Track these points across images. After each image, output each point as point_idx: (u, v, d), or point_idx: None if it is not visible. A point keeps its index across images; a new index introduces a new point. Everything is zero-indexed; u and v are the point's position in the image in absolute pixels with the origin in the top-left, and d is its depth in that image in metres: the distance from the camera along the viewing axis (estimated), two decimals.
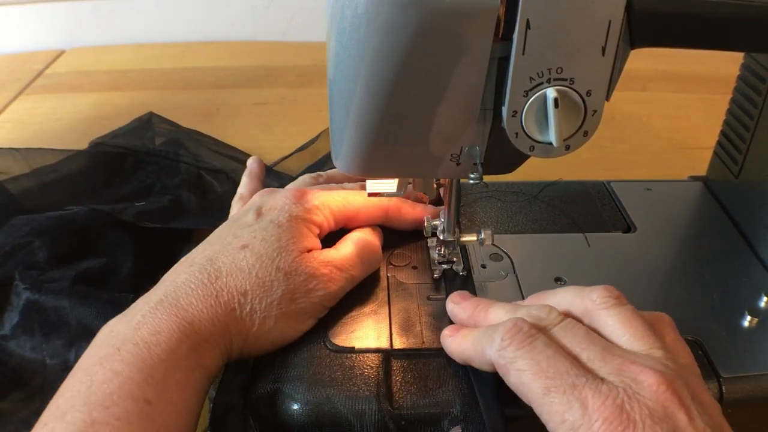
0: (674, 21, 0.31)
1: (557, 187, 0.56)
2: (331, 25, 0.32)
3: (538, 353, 0.30)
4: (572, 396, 0.28)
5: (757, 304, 0.44)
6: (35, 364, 0.43)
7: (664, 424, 0.27)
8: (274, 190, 0.44)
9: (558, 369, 0.29)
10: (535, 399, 0.29)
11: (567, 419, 0.28)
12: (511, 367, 0.30)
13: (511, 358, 0.30)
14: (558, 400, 0.28)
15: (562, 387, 0.28)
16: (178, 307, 0.35)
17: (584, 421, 0.27)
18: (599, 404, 0.27)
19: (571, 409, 0.28)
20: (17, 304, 0.45)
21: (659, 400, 0.27)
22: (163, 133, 0.67)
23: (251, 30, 1.04)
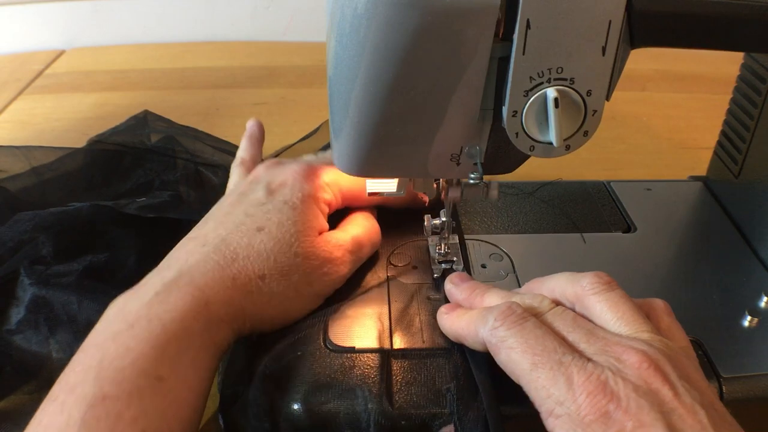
0: (674, 21, 0.31)
1: (557, 187, 0.56)
2: (331, 25, 0.32)
3: (527, 332, 0.31)
4: (558, 372, 0.29)
5: (757, 304, 0.44)
6: (41, 358, 0.43)
7: (648, 398, 0.27)
8: (280, 162, 0.43)
9: (546, 347, 0.30)
10: (523, 375, 0.30)
11: (552, 394, 0.28)
12: (502, 345, 0.31)
13: (502, 337, 0.31)
14: (544, 376, 0.29)
15: (548, 364, 0.29)
16: (194, 286, 0.35)
17: (569, 395, 0.28)
18: (584, 380, 0.28)
19: (556, 384, 0.28)
20: (23, 299, 0.45)
21: (642, 376, 0.28)
22: (158, 131, 0.68)
23: (251, 30, 1.04)
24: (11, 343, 0.44)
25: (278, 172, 0.42)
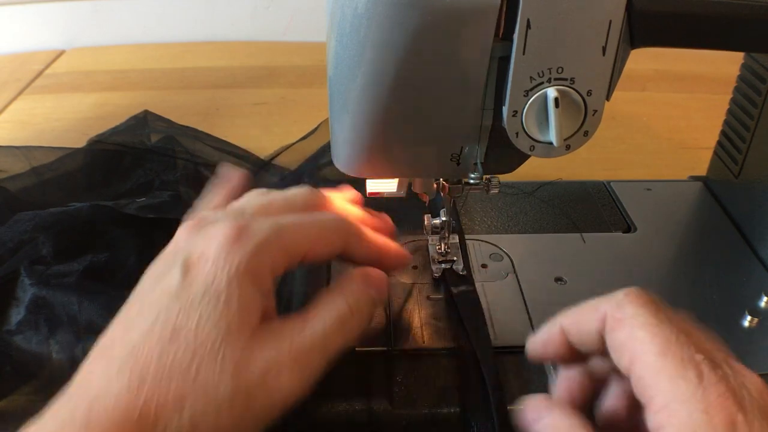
0: (674, 21, 0.31)
1: (557, 187, 0.56)
2: (331, 24, 0.32)
3: (662, 315, 0.28)
4: (690, 365, 0.26)
5: (757, 304, 0.44)
6: (41, 358, 0.43)
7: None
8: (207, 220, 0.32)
9: (680, 338, 0.27)
10: (645, 359, 0.27)
11: (679, 386, 0.25)
12: (628, 321, 0.28)
13: (631, 313, 0.28)
14: (672, 366, 0.26)
15: (680, 354, 0.26)
16: (91, 425, 0.26)
17: (698, 391, 0.25)
18: (716, 380, 0.25)
19: (685, 376, 0.25)
20: (23, 299, 0.45)
21: (764, 398, 0.26)
22: (158, 131, 0.68)
23: (251, 30, 1.04)
24: (11, 344, 0.44)
25: (200, 238, 0.31)
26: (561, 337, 0.32)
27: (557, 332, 0.32)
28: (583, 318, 0.30)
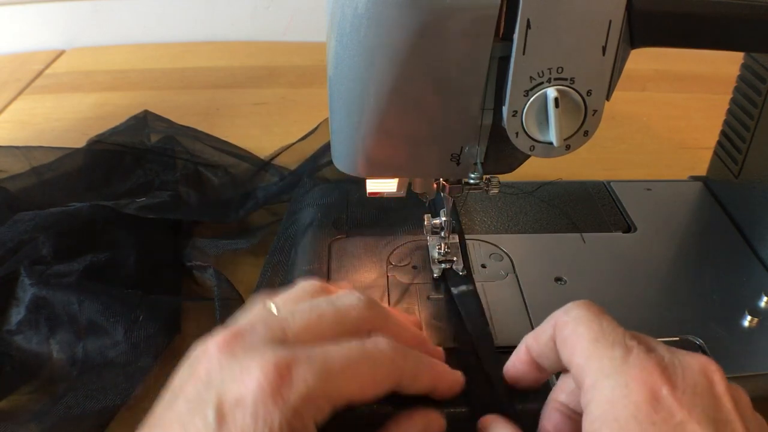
0: (674, 21, 0.31)
1: (557, 187, 0.56)
2: (331, 25, 0.32)
3: (604, 316, 0.29)
4: (618, 345, 0.27)
5: (757, 304, 0.44)
6: (42, 358, 0.43)
7: (705, 399, 0.25)
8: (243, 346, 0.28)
9: (616, 330, 0.28)
10: (580, 348, 0.28)
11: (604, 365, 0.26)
12: (572, 321, 0.29)
13: (576, 314, 0.29)
14: (603, 347, 0.27)
15: (612, 338, 0.27)
16: None
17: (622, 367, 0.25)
18: (643, 356, 0.26)
19: (612, 354, 0.26)
20: (23, 299, 0.45)
21: (707, 376, 0.26)
22: (158, 131, 0.68)
23: (251, 30, 1.04)
24: (11, 343, 0.44)
25: (236, 371, 0.27)
26: (527, 356, 0.32)
27: (523, 352, 0.33)
28: (540, 330, 0.31)
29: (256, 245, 0.54)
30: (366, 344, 0.30)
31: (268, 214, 0.59)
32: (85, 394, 0.41)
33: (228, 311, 0.47)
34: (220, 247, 0.53)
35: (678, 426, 0.24)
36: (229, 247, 0.54)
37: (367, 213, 0.51)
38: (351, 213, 0.51)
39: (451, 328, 0.41)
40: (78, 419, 0.40)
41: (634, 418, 0.24)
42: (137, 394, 0.42)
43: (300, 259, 0.47)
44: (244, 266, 0.54)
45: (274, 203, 0.60)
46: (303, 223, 0.51)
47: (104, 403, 0.41)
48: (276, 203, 0.60)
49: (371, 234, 0.49)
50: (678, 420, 0.24)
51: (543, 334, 0.31)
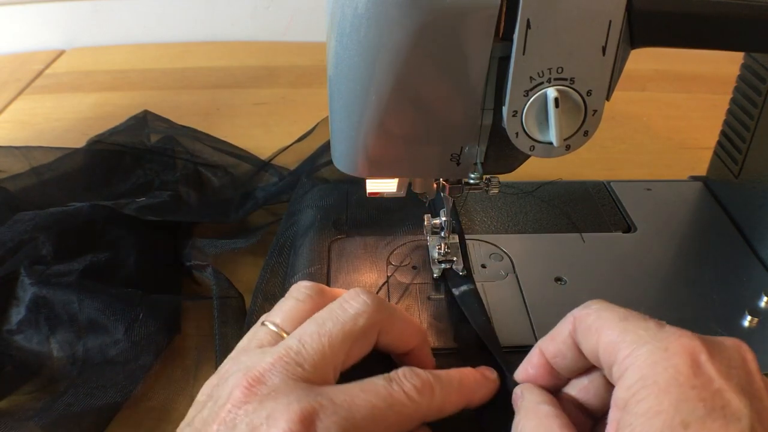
0: (674, 21, 0.31)
1: (557, 187, 0.56)
2: (331, 25, 0.32)
3: (623, 308, 0.29)
4: (650, 321, 0.27)
5: (757, 304, 0.44)
6: (42, 357, 0.43)
7: (741, 372, 0.25)
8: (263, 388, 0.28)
9: (640, 314, 0.28)
10: (610, 325, 0.27)
11: (640, 334, 0.26)
12: (594, 310, 0.29)
13: (597, 306, 0.29)
14: (634, 324, 0.27)
15: (640, 318, 0.27)
16: None
17: (659, 333, 0.25)
18: (675, 329, 0.26)
19: (647, 326, 0.26)
20: (24, 299, 0.45)
21: (740, 353, 0.26)
22: (158, 131, 0.68)
23: (251, 30, 1.04)
24: (12, 343, 0.44)
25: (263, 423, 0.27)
26: (540, 359, 0.32)
27: (536, 355, 0.32)
28: (556, 330, 0.31)
29: (256, 245, 0.54)
30: (392, 387, 0.29)
31: (268, 214, 0.59)
32: (85, 392, 0.41)
33: (227, 310, 0.47)
34: (219, 246, 0.53)
35: (717, 393, 0.24)
36: (228, 246, 0.54)
37: (367, 213, 0.51)
38: (351, 213, 0.51)
39: (451, 328, 0.41)
40: (78, 417, 0.40)
41: (675, 381, 0.24)
42: (138, 392, 0.42)
43: (300, 259, 0.47)
44: (243, 266, 0.54)
45: (274, 203, 0.60)
46: (303, 224, 0.51)
47: (105, 401, 0.41)
48: (275, 203, 0.60)
49: (371, 234, 0.49)
50: (716, 387, 0.24)
51: (560, 332, 0.31)
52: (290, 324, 0.32)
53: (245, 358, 0.30)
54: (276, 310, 0.33)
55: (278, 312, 0.33)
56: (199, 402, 0.31)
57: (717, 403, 0.23)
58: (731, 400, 0.24)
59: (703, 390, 0.24)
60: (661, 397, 0.24)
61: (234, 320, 0.47)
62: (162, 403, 0.43)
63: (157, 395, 0.43)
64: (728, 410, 0.23)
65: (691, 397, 0.24)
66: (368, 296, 0.32)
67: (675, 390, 0.24)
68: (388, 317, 0.33)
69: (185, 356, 0.46)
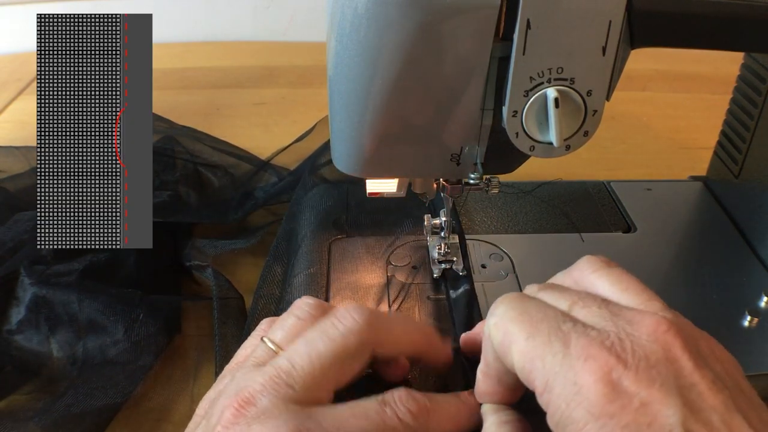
0: (674, 21, 0.31)
1: (557, 187, 0.56)
2: (331, 25, 0.32)
3: (527, 303, 0.28)
4: (555, 337, 0.25)
5: (757, 304, 0.44)
6: (42, 357, 0.44)
7: (663, 368, 0.23)
8: (251, 410, 0.28)
9: (546, 315, 0.26)
10: (517, 348, 0.26)
11: (546, 362, 0.24)
12: (500, 322, 0.27)
13: (500, 312, 0.28)
14: (540, 342, 0.25)
15: (546, 330, 0.25)
16: None
17: (564, 361, 0.24)
18: (584, 343, 0.24)
19: (551, 349, 0.24)
20: (23, 299, 0.45)
21: (659, 341, 0.24)
22: (158, 131, 0.68)
23: (251, 30, 1.04)
24: (12, 343, 0.44)
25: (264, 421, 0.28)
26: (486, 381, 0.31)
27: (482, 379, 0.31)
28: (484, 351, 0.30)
29: (256, 245, 0.54)
30: (385, 412, 0.29)
31: (268, 214, 0.59)
32: (85, 392, 0.41)
33: (227, 311, 0.47)
34: (219, 247, 0.53)
35: (640, 409, 0.22)
36: (228, 247, 0.54)
37: (367, 213, 0.51)
38: (351, 213, 0.51)
39: (451, 328, 0.41)
40: (78, 418, 0.40)
41: (592, 416, 0.22)
42: (137, 392, 0.42)
43: (300, 259, 0.47)
44: (243, 266, 0.54)
45: (274, 203, 0.60)
46: (303, 224, 0.51)
47: (105, 402, 0.41)
48: (275, 203, 0.60)
49: (371, 234, 0.49)
50: (638, 402, 0.22)
51: (486, 353, 0.30)
52: (289, 342, 0.31)
53: (240, 375, 0.30)
54: (277, 327, 0.33)
55: (278, 329, 0.33)
56: (197, 416, 0.31)
57: (642, 421, 0.22)
58: (658, 411, 0.22)
59: (623, 414, 0.22)
60: None
61: (234, 321, 0.47)
62: (162, 403, 0.43)
63: (157, 395, 0.43)
64: (656, 425, 0.22)
65: (612, 428, 0.22)
66: (359, 313, 0.31)
67: (593, 426, 0.22)
68: (384, 333, 0.32)
69: (185, 356, 0.46)
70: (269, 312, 0.45)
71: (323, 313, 0.33)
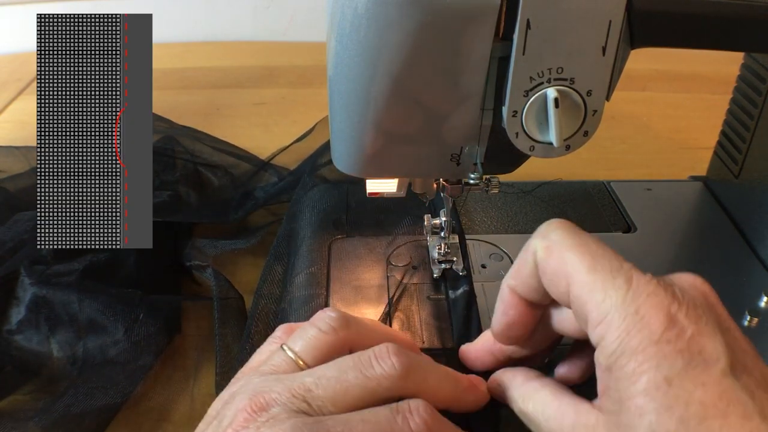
0: (674, 21, 0.31)
1: (557, 187, 0.56)
2: (331, 25, 0.32)
3: (583, 234, 0.29)
4: (618, 273, 0.26)
5: (757, 304, 0.44)
6: (42, 357, 0.44)
7: (707, 309, 0.26)
8: (267, 414, 0.28)
9: (607, 252, 0.28)
10: (577, 278, 0.27)
11: (610, 295, 0.26)
12: (557, 246, 0.28)
13: (558, 237, 0.28)
14: (602, 278, 0.26)
15: (609, 266, 0.27)
16: None
17: (628, 294, 0.26)
18: (645, 281, 0.26)
19: (615, 283, 0.26)
20: (23, 299, 0.45)
21: (698, 289, 0.27)
22: (158, 131, 0.68)
23: (251, 30, 1.04)
24: (12, 343, 0.44)
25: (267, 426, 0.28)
26: (513, 297, 0.31)
27: (507, 293, 0.31)
28: (519, 264, 0.30)
29: (256, 245, 0.54)
30: (396, 421, 0.28)
31: (268, 214, 0.59)
32: (85, 392, 0.41)
33: (227, 311, 0.47)
34: (219, 247, 0.53)
35: (691, 339, 0.25)
36: (228, 247, 0.54)
37: (367, 213, 0.51)
38: (351, 213, 0.51)
39: (451, 328, 0.41)
40: (79, 418, 0.40)
41: (651, 341, 0.25)
42: (138, 392, 0.43)
43: (300, 259, 0.47)
44: (243, 266, 0.54)
45: (274, 203, 0.60)
46: (303, 224, 0.51)
47: (105, 402, 0.41)
48: (275, 203, 0.60)
49: (371, 234, 0.49)
50: (690, 334, 0.25)
51: (524, 266, 0.30)
52: (309, 354, 0.31)
53: (257, 381, 0.30)
54: (297, 337, 0.32)
55: (299, 339, 0.32)
56: (209, 416, 0.30)
57: (694, 350, 0.25)
58: (706, 343, 0.25)
59: (678, 341, 0.25)
60: (641, 359, 0.25)
61: (234, 321, 0.47)
62: (162, 403, 0.43)
63: (157, 395, 0.43)
64: (705, 354, 0.25)
65: (668, 353, 0.24)
66: (399, 360, 0.30)
67: (652, 349, 0.25)
68: (419, 384, 0.30)
69: (185, 356, 0.46)
70: (269, 312, 0.45)
71: (346, 329, 0.32)
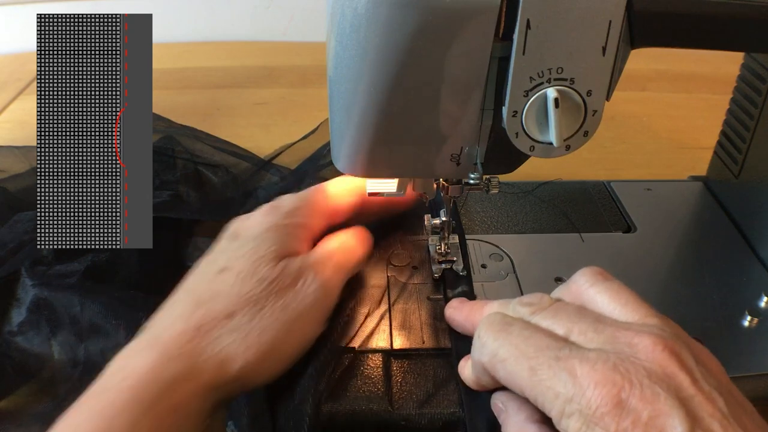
0: (674, 21, 0.31)
1: (557, 187, 0.56)
2: (331, 25, 0.32)
3: (515, 337, 0.29)
4: (557, 368, 0.26)
5: (757, 304, 0.44)
6: (42, 358, 0.43)
7: (663, 384, 0.25)
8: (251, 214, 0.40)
9: (539, 346, 0.28)
10: (525, 384, 0.28)
11: (559, 393, 0.26)
12: (496, 361, 0.29)
13: (492, 351, 0.29)
14: (545, 376, 0.27)
15: (546, 363, 0.27)
16: (157, 346, 0.33)
17: (576, 390, 0.25)
18: (587, 370, 0.26)
19: (559, 380, 0.26)
20: (24, 300, 0.45)
21: (657, 360, 0.26)
22: (158, 131, 0.68)
23: (251, 30, 1.04)
24: (12, 344, 0.44)
25: (245, 218, 0.40)
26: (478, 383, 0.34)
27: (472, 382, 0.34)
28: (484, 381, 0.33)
29: None
30: None
31: None
32: None
33: None
34: None
35: (649, 422, 0.24)
36: None
37: None
38: None
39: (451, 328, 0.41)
40: None
41: None
42: None
43: None
44: None
45: None
46: None
47: None
48: None
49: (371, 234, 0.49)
50: (646, 416, 0.24)
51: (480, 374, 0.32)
52: None
53: None
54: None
55: None
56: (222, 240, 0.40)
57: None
58: (665, 422, 0.24)
59: (635, 428, 0.24)
60: None
61: None
62: None
63: None
64: None
65: None
66: None
67: None
68: None
69: None
70: None
71: None
